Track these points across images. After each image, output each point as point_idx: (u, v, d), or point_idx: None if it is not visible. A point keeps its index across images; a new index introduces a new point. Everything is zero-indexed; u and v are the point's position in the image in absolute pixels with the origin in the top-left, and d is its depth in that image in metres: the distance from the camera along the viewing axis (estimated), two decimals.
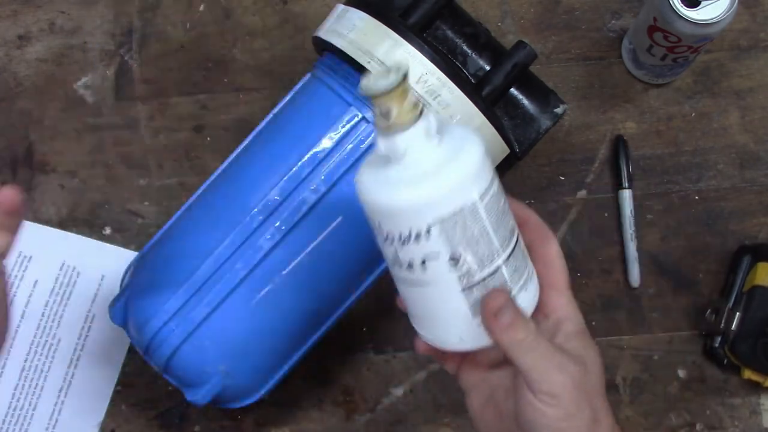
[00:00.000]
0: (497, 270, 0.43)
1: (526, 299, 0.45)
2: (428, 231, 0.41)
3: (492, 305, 0.43)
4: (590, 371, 0.45)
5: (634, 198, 0.70)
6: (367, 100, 0.41)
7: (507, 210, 0.44)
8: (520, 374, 0.43)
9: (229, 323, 0.56)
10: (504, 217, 0.43)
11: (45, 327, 0.69)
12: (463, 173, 0.41)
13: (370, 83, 0.40)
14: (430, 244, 0.41)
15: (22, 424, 0.67)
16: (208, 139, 0.72)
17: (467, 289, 0.42)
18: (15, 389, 0.68)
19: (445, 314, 0.44)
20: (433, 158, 0.41)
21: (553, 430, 0.43)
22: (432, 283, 0.43)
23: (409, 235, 0.41)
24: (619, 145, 0.71)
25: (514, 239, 0.44)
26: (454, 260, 0.41)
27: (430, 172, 0.41)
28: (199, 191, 0.62)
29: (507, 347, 0.43)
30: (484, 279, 0.42)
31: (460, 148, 0.41)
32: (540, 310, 0.46)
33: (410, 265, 0.42)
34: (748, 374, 0.65)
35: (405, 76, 0.40)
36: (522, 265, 0.45)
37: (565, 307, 0.47)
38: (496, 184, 0.43)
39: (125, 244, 0.71)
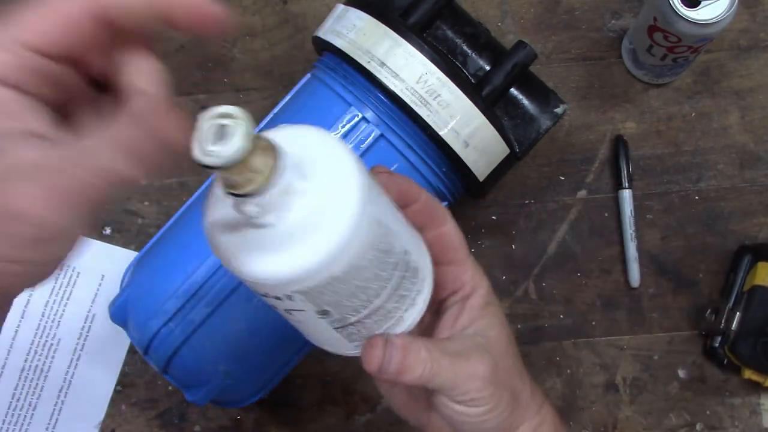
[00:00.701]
0: (376, 310, 0.39)
1: (415, 312, 0.42)
2: (290, 297, 0.35)
3: (372, 359, 0.40)
4: (499, 354, 0.44)
5: (634, 198, 0.70)
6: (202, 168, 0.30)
7: (399, 235, 0.37)
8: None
9: (229, 323, 0.56)
10: (388, 255, 0.36)
11: (45, 327, 0.69)
12: (335, 241, 0.33)
13: (204, 154, 0.29)
14: (294, 304, 0.36)
15: (22, 424, 0.67)
16: None
17: (341, 328, 0.39)
18: (15, 389, 0.68)
19: (326, 340, 0.41)
20: (296, 218, 0.32)
21: (477, 424, 0.43)
22: (303, 323, 0.39)
23: (267, 296, 0.36)
24: (619, 145, 0.71)
25: (401, 269, 0.38)
26: (323, 313, 0.37)
27: (295, 237, 0.33)
28: (200, 191, 0.62)
29: (410, 384, 0.41)
30: (359, 321, 0.39)
31: (332, 197, 0.33)
32: (447, 288, 0.45)
33: (276, 308, 0.38)
34: (748, 374, 0.65)
35: (249, 136, 0.29)
36: (411, 284, 0.40)
37: (469, 280, 0.45)
38: (381, 215, 0.36)
39: (125, 244, 0.71)
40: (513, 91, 0.58)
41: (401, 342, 0.41)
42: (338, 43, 0.56)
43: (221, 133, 0.29)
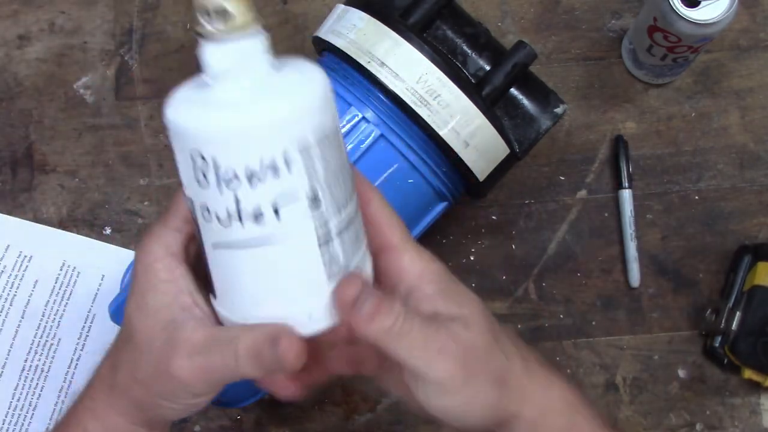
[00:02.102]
0: (352, 219, 0.36)
1: (369, 268, 0.38)
2: (286, 159, 0.32)
3: (348, 293, 0.36)
4: (475, 333, 0.39)
5: (634, 198, 0.70)
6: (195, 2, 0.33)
7: (348, 171, 0.37)
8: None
9: None
10: (345, 167, 0.36)
11: (45, 327, 0.69)
12: (322, 91, 0.34)
13: None
14: (290, 177, 0.33)
15: (22, 424, 0.67)
16: None
17: (324, 244, 0.35)
18: (15, 389, 0.68)
19: (294, 281, 0.36)
20: (282, 74, 0.34)
21: (460, 417, 0.39)
22: (284, 236, 0.34)
23: (261, 167, 0.32)
24: (619, 145, 0.71)
25: (355, 201, 0.37)
26: (314, 201, 0.34)
27: (284, 89, 0.33)
28: None
29: (376, 339, 0.37)
30: (340, 231, 0.35)
31: (306, 69, 0.35)
32: (384, 282, 0.40)
33: (257, 216, 0.33)
34: (748, 374, 0.65)
35: None
36: (362, 233, 0.38)
37: (411, 267, 0.40)
38: (338, 131, 0.36)
39: (125, 244, 0.71)
40: (513, 91, 0.58)
41: (378, 289, 0.38)
42: (338, 43, 0.56)
43: None
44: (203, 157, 0.33)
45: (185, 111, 0.34)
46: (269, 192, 0.33)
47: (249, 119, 0.32)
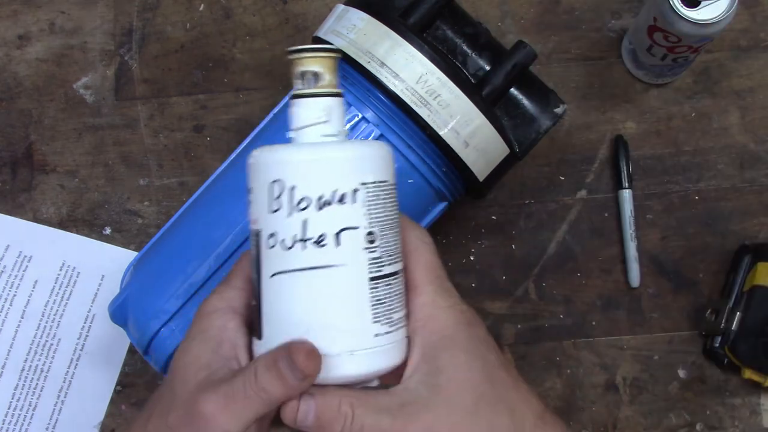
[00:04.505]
0: (398, 277, 0.40)
1: (402, 335, 0.40)
2: (354, 193, 0.38)
3: (289, 414, 0.38)
4: (454, 406, 0.37)
5: (634, 198, 0.70)
6: (296, 66, 0.40)
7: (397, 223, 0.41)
8: None
9: None
10: (395, 223, 0.40)
11: (45, 327, 0.69)
12: (388, 150, 0.41)
13: (304, 46, 0.40)
14: (353, 208, 0.38)
15: (22, 424, 0.67)
16: (208, 139, 0.72)
17: (374, 280, 0.38)
18: (15, 389, 0.68)
19: (344, 310, 0.38)
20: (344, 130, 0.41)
21: None
22: (342, 263, 0.38)
23: (333, 196, 0.38)
24: (619, 145, 0.71)
25: (400, 259, 0.41)
26: (371, 237, 0.38)
27: (359, 140, 0.42)
28: (199, 191, 0.62)
29: None
30: (388, 276, 0.39)
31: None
32: (407, 307, 0.41)
33: (320, 240, 0.38)
34: (748, 374, 0.65)
35: (338, 49, 0.40)
36: (402, 286, 0.41)
37: (419, 308, 0.40)
38: (395, 190, 0.41)
39: (125, 244, 0.71)
40: (513, 91, 0.58)
41: (319, 391, 0.38)
42: (338, 43, 0.56)
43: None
44: (282, 186, 0.38)
45: (271, 151, 0.39)
46: (334, 219, 0.38)
47: (330, 153, 0.39)
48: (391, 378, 0.40)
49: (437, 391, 0.38)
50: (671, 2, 0.62)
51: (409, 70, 0.54)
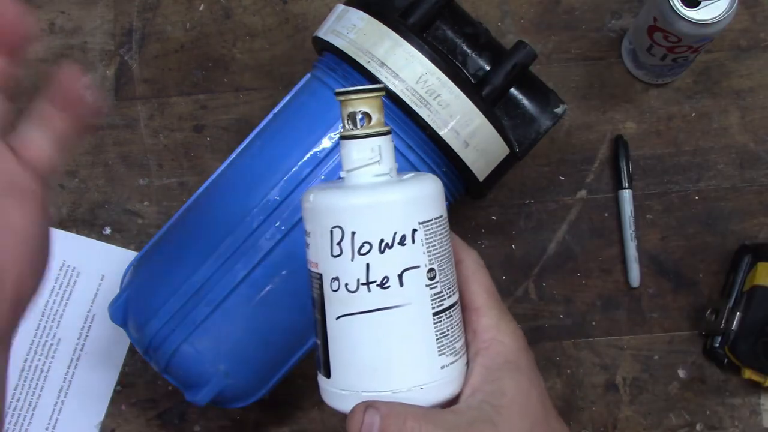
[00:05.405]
0: (456, 307, 0.41)
1: (462, 361, 0.42)
2: (414, 233, 0.39)
3: (353, 428, 0.38)
4: (512, 428, 0.38)
5: (634, 198, 0.70)
6: (344, 107, 0.40)
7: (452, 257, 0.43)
8: None
9: (229, 323, 0.56)
10: (450, 257, 0.42)
11: (45, 327, 0.69)
12: (440, 186, 0.41)
13: (352, 88, 0.40)
14: (414, 249, 0.39)
15: (22, 424, 0.67)
16: (208, 138, 0.72)
17: (437, 314, 0.40)
18: (15, 389, 0.68)
19: (412, 348, 0.40)
20: (405, 172, 0.42)
21: None
22: (406, 302, 0.39)
23: (393, 239, 0.39)
24: (619, 145, 0.71)
25: (456, 292, 0.42)
26: (431, 274, 0.40)
27: (411, 178, 0.41)
28: (200, 191, 0.62)
29: None
30: (449, 308, 0.41)
31: (422, 172, 0.43)
32: (468, 327, 0.42)
33: (384, 282, 0.39)
34: (748, 374, 0.65)
35: (384, 86, 0.42)
36: (460, 319, 0.42)
37: (484, 331, 0.41)
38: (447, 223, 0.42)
39: (125, 244, 0.71)
40: (513, 91, 0.58)
41: (385, 408, 0.37)
42: (338, 43, 0.56)
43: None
44: (343, 231, 0.39)
45: (328, 195, 0.40)
46: (396, 260, 0.39)
47: (387, 197, 0.39)
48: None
49: (500, 412, 0.39)
50: (671, 2, 0.62)
51: (409, 70, 0.54)
